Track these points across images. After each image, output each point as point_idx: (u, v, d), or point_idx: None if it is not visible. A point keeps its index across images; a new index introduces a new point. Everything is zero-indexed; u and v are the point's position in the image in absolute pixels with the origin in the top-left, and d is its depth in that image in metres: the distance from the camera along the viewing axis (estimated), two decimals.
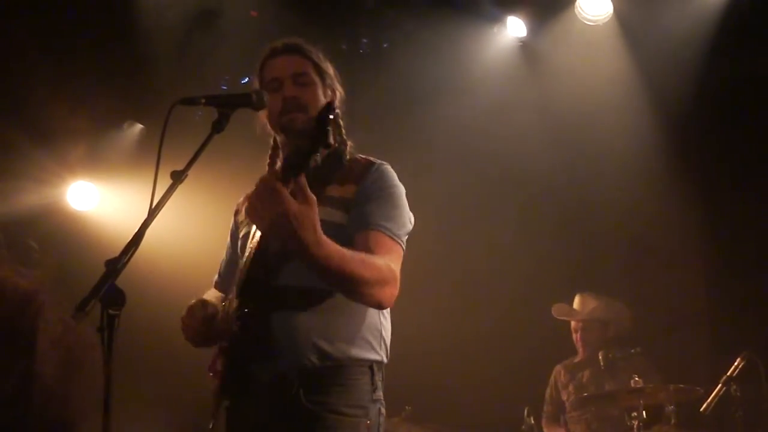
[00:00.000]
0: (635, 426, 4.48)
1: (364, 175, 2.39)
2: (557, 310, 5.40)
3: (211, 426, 2.33)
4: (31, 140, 5.43)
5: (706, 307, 5.65)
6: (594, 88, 5.62)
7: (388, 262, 2.24)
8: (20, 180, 5.52)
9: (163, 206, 2.04)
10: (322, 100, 2.43)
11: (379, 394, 2.35)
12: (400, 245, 2.33)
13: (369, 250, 2.24)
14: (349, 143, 2.48)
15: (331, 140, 1.97)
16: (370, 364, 2.33)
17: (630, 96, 5.65)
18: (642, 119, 5.67)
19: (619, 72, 5.62)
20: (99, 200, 6.03)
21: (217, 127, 2.19)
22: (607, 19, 5.52)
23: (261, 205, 1.98)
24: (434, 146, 5.78)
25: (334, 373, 2.28)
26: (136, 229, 1.97)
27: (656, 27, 5.43)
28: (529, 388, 5.47)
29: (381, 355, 2.37)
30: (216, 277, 2.85)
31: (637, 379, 4.55)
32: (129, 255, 1.92)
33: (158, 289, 5.63)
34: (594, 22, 5.53)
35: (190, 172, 2.08)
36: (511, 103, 5.74)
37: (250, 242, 2.44)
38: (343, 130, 2.48)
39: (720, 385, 4.30)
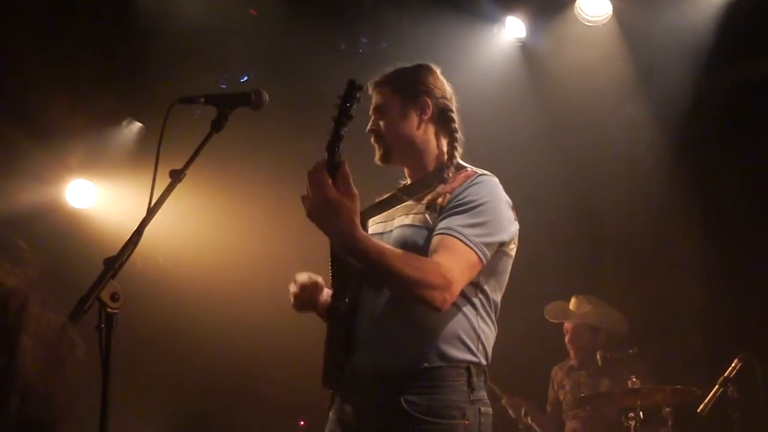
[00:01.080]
0: (632, 427, 4.48)
1: (460, 186, 2.43)
2: (550, 311, 5.40)
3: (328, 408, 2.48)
4: (30, 138, 5.43)
5: (704, 308, 5.65)
6: (593, 88, 5.61)
7: (442, 265, 2.24)
8: (19, 178, 5.52)
9: (161, 205, 2.04)
10: (401, 120, 2.55)
11: (479, 394, 2.37)
12: (475, 252, 2.30)
13: (434, 251, 2.28)
14: (457, 153, 2.56)
15: (352, 113, 2.24)
16: (467, 366, 2.36)
17: (629, 96, 5.65)
18: (641, 120, 5.67)
19: (619, 73, 5.61)
20: (97, 198, 6.02)
21: (217, 126, 2.19)
22: (606, 20, 5.51)
23: (308, 192, 2.18)
24: None
25: (432, 374, 2.32)
26: (135, 228, 1.97)
27: (656, 28, 5.42)
28: (527, 388, 5.48)
29: (479, 357, 2.39)
30: None
31: (634, 379, 4.54)
32: (128, 253, 1.92)
33: (157, 286, 5.63)
34: (593, 22, 5.52)
35: (189, 171, 2.09)
36: (509, 103, 5.73)
37: None
38: (457, 136, 2.58)
39: (717, 386, 4.31)
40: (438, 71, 2.69)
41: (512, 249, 2.48)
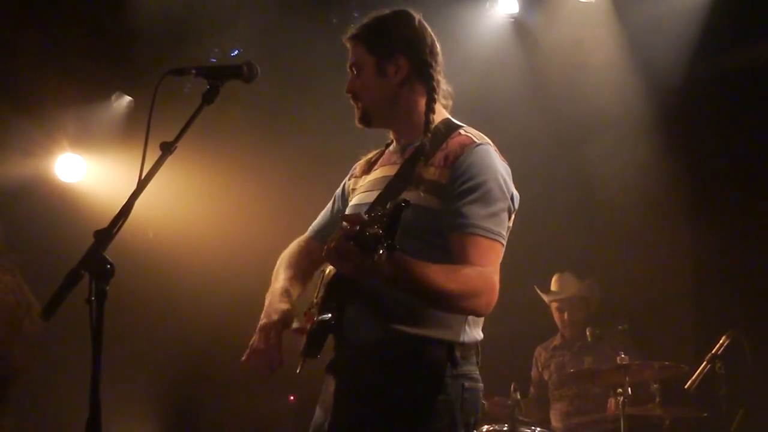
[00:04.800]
0: (620, 403, 4.51)
1: (457, 160, 2.29)
2: (549, 293, 5.42)
3: (298, 371, 2.39)
4: (19, 112, 5.39)
5: (693, 286, 5.69)
6: (586, 65, 5.60)
7: (480, 268, 2.19)
8: (7, 152, 5.48)
9: (152, 178, 2.03)
10: (376, 81, 2.41)
11: (463, 369, 2.30)
12: (500, 242, 2.27)
13: (465, 254, 2.20)
14: (434, 116, 2.40)
15: (397, 244, 1.89)
16: (448, 343, 2.29)
17: (621, 73, 5.64)
18: (633, 96, 5.66)
19: (611, 49, 5.60)
20: (87, 172, 5.99)
21: (208, 98, 2.18)
22: None
23: (339, 264, 1.97)
24: None
25: (409, 352, 2.28)
26: (125, 201, 1.96)
27: (648, 4, 5.41)
28: (516, 365, 5.51)
29: (462, 336, 2.32)
30: (312, 229, 2.72)
31: (623, 355, 4.57)
32: (118, 226, 1.92)
33: (146, 259, 5.62)
34: None
35: (180, 144, 2.08)
36: (502, 79, 5.72)
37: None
38: (435, 95, 2.42)
39: (705, 363, 4.34)
40: (417, 18, 2.46)
41: (512, 220, 2.42)
